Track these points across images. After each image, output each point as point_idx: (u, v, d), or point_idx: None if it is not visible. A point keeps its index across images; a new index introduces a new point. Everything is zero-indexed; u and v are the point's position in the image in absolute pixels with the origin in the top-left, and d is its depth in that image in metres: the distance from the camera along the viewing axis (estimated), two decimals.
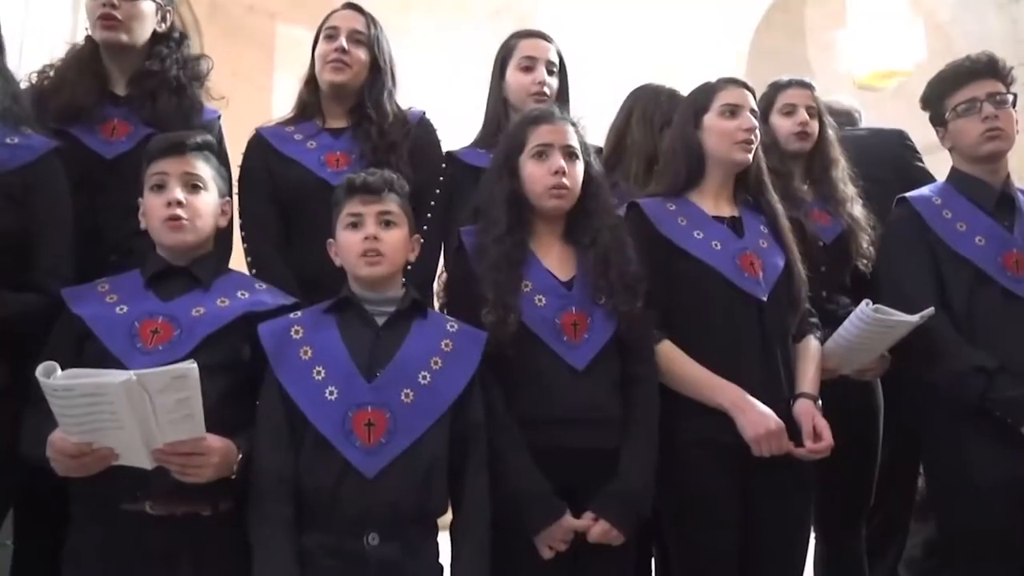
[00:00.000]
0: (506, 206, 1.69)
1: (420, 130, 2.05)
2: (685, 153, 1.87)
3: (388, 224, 1.59)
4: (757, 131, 1.84)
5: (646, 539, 1.94)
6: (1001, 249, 1.89)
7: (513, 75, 2.14)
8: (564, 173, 1.68)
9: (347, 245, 1.58)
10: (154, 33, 1.90)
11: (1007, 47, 7.36)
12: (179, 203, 1.55)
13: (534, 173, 1.70)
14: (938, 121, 2.03)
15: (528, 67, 2.12)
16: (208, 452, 1.36)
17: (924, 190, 2.04)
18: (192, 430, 1.32)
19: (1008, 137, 1.94)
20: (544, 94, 2.10)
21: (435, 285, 1.84)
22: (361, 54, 1.99)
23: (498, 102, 2.17)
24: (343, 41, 1.96)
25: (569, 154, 1.71)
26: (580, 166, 1.72)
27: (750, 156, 1.84)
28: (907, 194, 2.03)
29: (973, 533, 1.85)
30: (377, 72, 2.01)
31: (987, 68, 1.97)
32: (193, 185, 1.59)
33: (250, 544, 1.44)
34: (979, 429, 1.82)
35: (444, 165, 2.09)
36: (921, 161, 2.46)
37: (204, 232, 1.61)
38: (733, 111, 1.83)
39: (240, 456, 1.44)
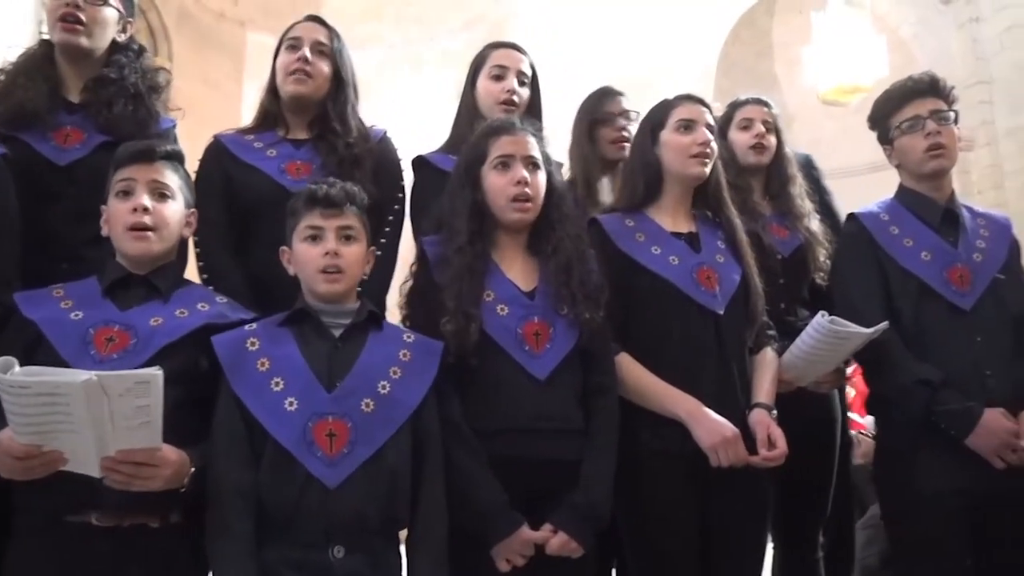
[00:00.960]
0: (468, 217, 1.70)
1: (382, 147, 2.05)
2: (643, 169, 1.90)
3: (348, 239, 1.58)
4: (713, 145, 1.87)
5: (606, 549, 1.94)
6: (946, 264, 1.93)
7: (484, 83, 2.16)
8: (527, 183, 1.69)
9: (306, 258, 1.57)
10: (113, 42, 1.88)
11: (967, 65, 7.56)
12: (145, 209, 1.53)
13: (496, 184, 1.71)
14: (884, 139, 2.08)
15: (499, 76, 2.14)
16: (162, 463, 1.34)
17: (872, 206, 2.09)
18: (149, 438, 1.30)
19: (950, 155, 2.00)
20: (513, 103, 2.11)
21: (398, 297, 1.83)
22: (323, 66, 1.98)
23: (469, 110, 2.19)
24: (306, 52, 1.95)
25: (531, 164, 1.72)
26: (543, 176, 1.74)
27: (706, 170, 1.87)
28: (856, 211, 2.08)
29: (919, 542, 1.89)
30: (340, 85, 2.00)
31: (929, 87, 2.03)
32: (161, 193, 1.57)
33: (201, 557, 1.42)
34: (926, 440, 1.86)
35: (403, 184, 2.09)
36: (825, 185, 2.51)
37: (169, 241, 1.59)
38: (688, 126, 1.86)
39: (192, 469, 1.42)
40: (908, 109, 2.02)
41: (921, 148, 1.99)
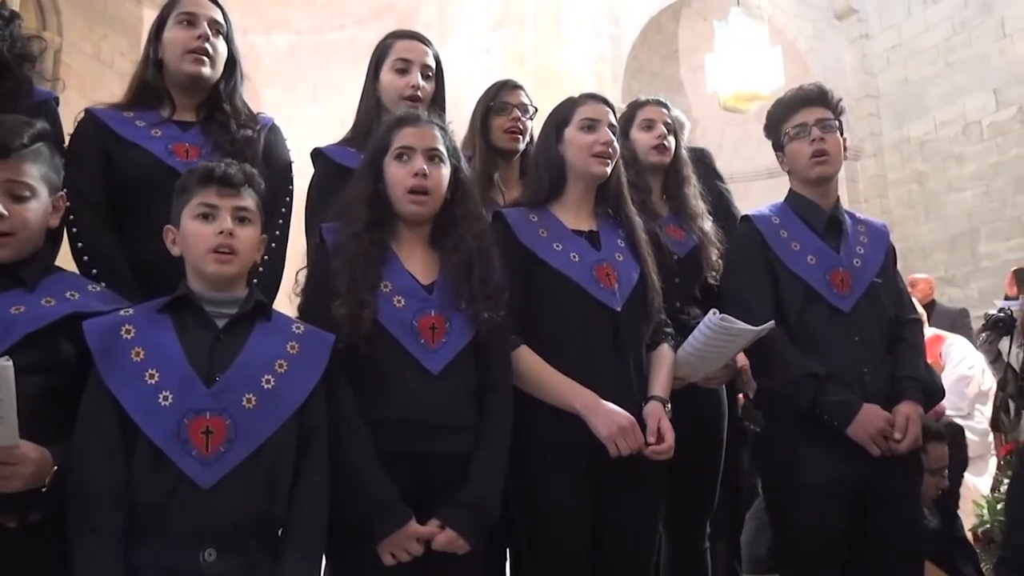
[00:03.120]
0: (367, 204, 1.67)
1: (272, 136, 1.97)
2: (547, 165, 1.92)
3: (243, 220, 1.52)
4: (615, 145, 1.90)
5: (499, 542, 1.95)
6: (829, 268, 2.05)
7: (387, 76, 2.11)
8: (425, 176, 1.67)
9: (197, 237, 1.49)
10: None
11: (857, 77, 7.97)
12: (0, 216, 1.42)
13: (396, 174, 1.69)
14: (777, 145, 2.19)
15: (403, 69, 2.10)
16: (21, 461, 1.26)
17: (764, 209, 2.19)
18: (3, 435, 1.21)
19: (834, 161, 2.10)
20: (417, 98, 2.08)
21: (293, 284, 1.79)
22: (221, 46, 1.90)
23: (371, 102, 2.14)
24: (206, 29, 1.86)
25: (432, 157, 1.70)
26: (445, 170, 1.72)
27: (608, 169, 1.90)
28: (750, 212, 2.18)
29: (799, 529, 2.01)
30: (233, 66, 1.92)
31: (817, 96, 2.14)
32: (17, 196, 1.45)
33: (62, 559, 1.33)
34: (808, 431, 1.98)
35: (292, 175, 2.02)
36: (722, 180, 2.64)
37: (29, 244, 1.48)
38: (591, 125, 1.89)
39: (55, 468, 1.33)
40: (797, 117, 2.12)
41: (807, 154, 2.09)
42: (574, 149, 1.90)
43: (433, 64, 2.15)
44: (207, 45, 1.85)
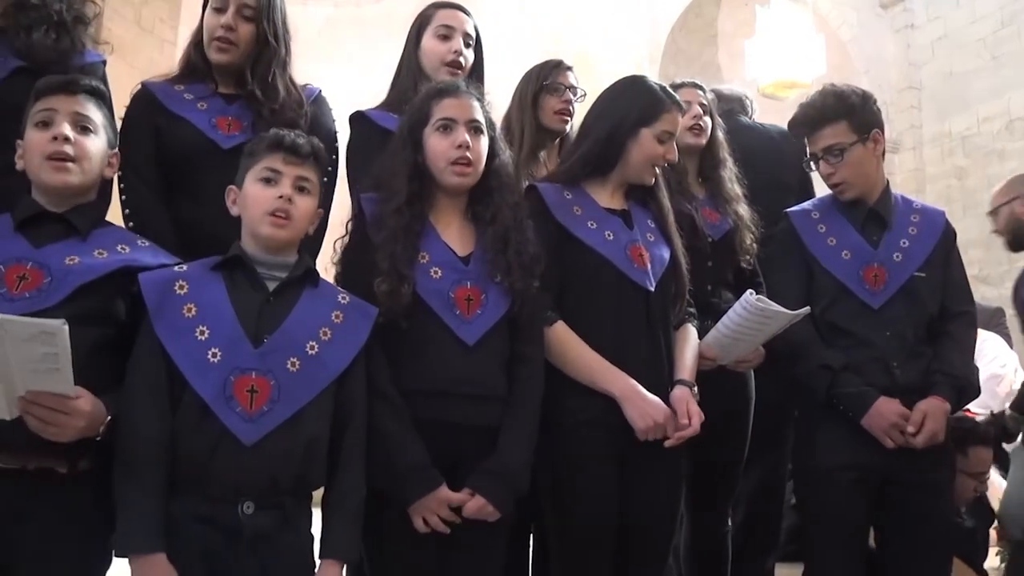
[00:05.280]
0: (407, 178, 1.68)
1: (315, 108, 2.00)
2: (605, 144, 1.89)
3: (302, 190, 1.55)
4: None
5: (524, 515, 1.97)
6: (863, 264, 2.05)
7: (429, 42, 2.12)
8: (468, 147, 1.68)
9: (257, 199, 1.53)
10: None
11: (899, 68, 7.82)
12: (66, 139, 1.46)
13: (437, 146, 1.69)
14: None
15: (445, 35, 2.11)
16: (75, 412, 1.30)
17: (807, 204, 2.22)
18: (60, 385, 1.26)
19: (854, 184, 2.10)
20: (459, 64, 2.09)
21: (332, 254, 1.81)
22: (249, 29, 1.91)
23: (412, 68, 2.15)
24: (229, 17, 1.88)
25: (474, 129, 1.71)
26: (485, 141, 1.73)
27: (653, 180, 1.92)
28: (790, 209, 2.20)
29: (819, 514, 2.03)
30: (264, 47, 1.92)
31: (832, 111, 2.10)
32: (83, 127, 1.51)
33: (106, 507, 1.37)
34: (829, 419, 2.01)
35: (337, 146, 2.05)
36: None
37: (90, 175, 1.52)
38: (668, 138, 1.89)
39: (108, 418, 1.37)
40: (811, 142, 2.14)
41: (827, 181, 2.13)
42: (642, 155, 1.88)
43: (473, 34, 2.17)
44: (230, 35, 1.88)
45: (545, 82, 2.27)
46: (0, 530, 1.35)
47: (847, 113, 2.08)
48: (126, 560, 1.38)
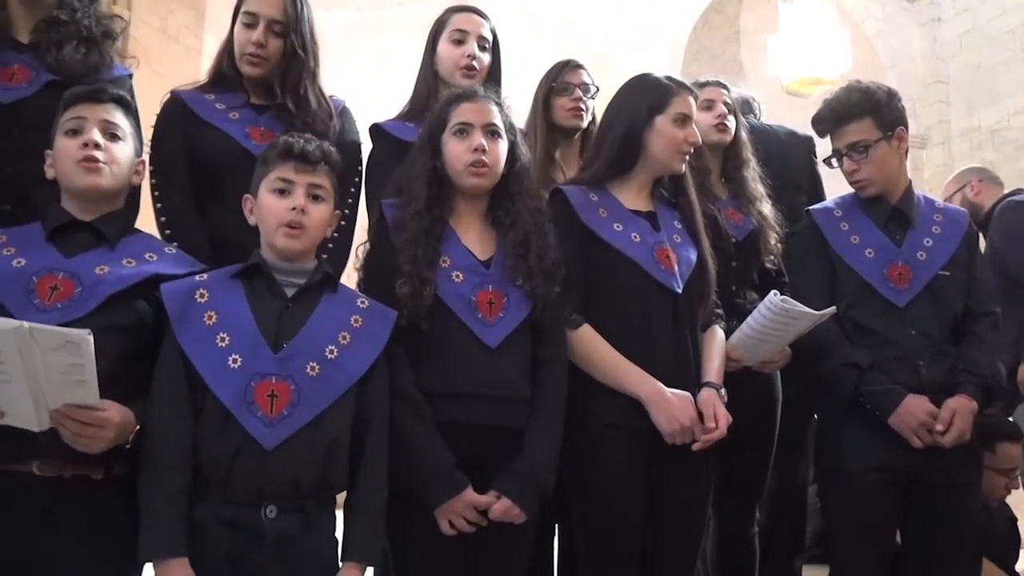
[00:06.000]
0: (426, 182, 1.69)
1: (341, 122, 2.02)
2: (624, 142, 1.88)
3: (316, 198, 1.56)
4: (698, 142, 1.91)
5: (548, 516, 1.97)
6: (887, 262, 2.03)
7: (444, 47, 2.14)
8: (484, 151, 1.68)
9: (270, 210, 1.54)
10: None
11: (927, 62, 7.70)
12: (96, 145, 1.49)
13: (455, 150, 1.70)
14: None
15: (459, 40, 2.12)
16: (104, 424, 1.32)
17: (829, 201, 2.20)
18: (86, 396, 1.28)
19: (876, 181, 2.09)
20: (473, 68, 2.10)
21: (354, 259, 1.83)
22: (279, 44, 1.93)
23: (428, 76, 2.16)
24: (260, 34, 1.91)
25: (491, 132, 1.71)
26: (503, 145, 1.73)
27: (684, 167, 1.90)
28: (812, 207, 2.18)
29: (843, 516, 2.01)
30: (293, 59, 1.94)
31: (858, 107, 2.08)
32: (112, 134, 1.54)
33: (135, 511, 1.40)
34: (852, 419, 1.99)
35: (362, 157, 2.07)
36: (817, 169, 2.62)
37: (120, 180, 1.55)
38: (684, 120, 1.87)
39: (138, 427, 1.40)
40: (834, 138, 2.11)
41: (849, 178, 2.11)
42: (662, 141, 1.86)
43: (490, 36, 2.17)
44: (260, 51, 1.91)
45: (553, 83, 2.27)
46: (37, 535, 1.38)
47: (872, 110, 2.06)
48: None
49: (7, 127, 1.71)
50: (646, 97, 1.88)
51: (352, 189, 1.99)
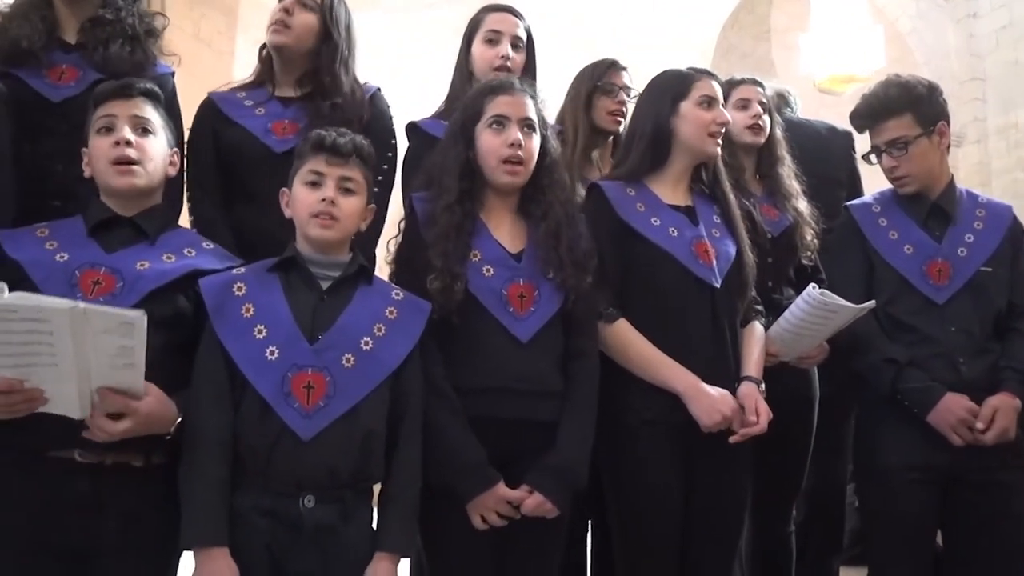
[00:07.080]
0: (458, 175, 1.68)
1: (373, 104, 2.03)
2: (654, 135, 1.88)
3: (347, 191, 1.57)
4: (728, 123, 1.90)
5: (581, 511, 1.96)
6: (926, 259, 2.00)
7: (478, 48, 2.15)
8: (520, 146, 1.68)
9: (303, 202, 1.56)
10: None
11: (962, 59, 7.57)
12: (128, 143, 1.52)
13: (490, 144, 1.69)
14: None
15: (493, 40, 2.13)
16: (132, 414, 1.33)
17: (868, 197, 2.17)
18: (131, 380, 1.29)
19: (917, 178, 2.05)
20: (507, 68, 2.10)
21: (385, 253, 1.83)
22: (307, 18, 1.95)
23: (463, 75, 2.17)
24: (289, 1, 1.94)
25: (527, 127, 1.71)
26: (537, 140, 1.73)
27: (719, 150, 1.89)
28: (851, 203, 2.16)
29: (881, 515, 1.98)
30: (327, 40, 1.97)
31: (896, 103, 2.04)
32: (143, 128, 1.56)
33: (174, 500, 1.42)
34: (891, 417, 1.95)
35: (394, 142, 2.08)
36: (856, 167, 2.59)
37: (155, 177, 1.57)
38: (710, 103, 1.86)
39: (179, 418, 1.42)
40: (873, 134, 2.08)
41: (889, 174, 2.07)
42: (690, 126, 1.86)
43: (524, 36, 2.18)
44: (286, 18, 1.93)
45: (598, 83, 2.27)
46: (82, 521, 1.40)
47: (912, 105, 2.03)
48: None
49: (56, 125, 1.75)
50: (669, 89, 1.90)
51: (380, 178, 1.98)
